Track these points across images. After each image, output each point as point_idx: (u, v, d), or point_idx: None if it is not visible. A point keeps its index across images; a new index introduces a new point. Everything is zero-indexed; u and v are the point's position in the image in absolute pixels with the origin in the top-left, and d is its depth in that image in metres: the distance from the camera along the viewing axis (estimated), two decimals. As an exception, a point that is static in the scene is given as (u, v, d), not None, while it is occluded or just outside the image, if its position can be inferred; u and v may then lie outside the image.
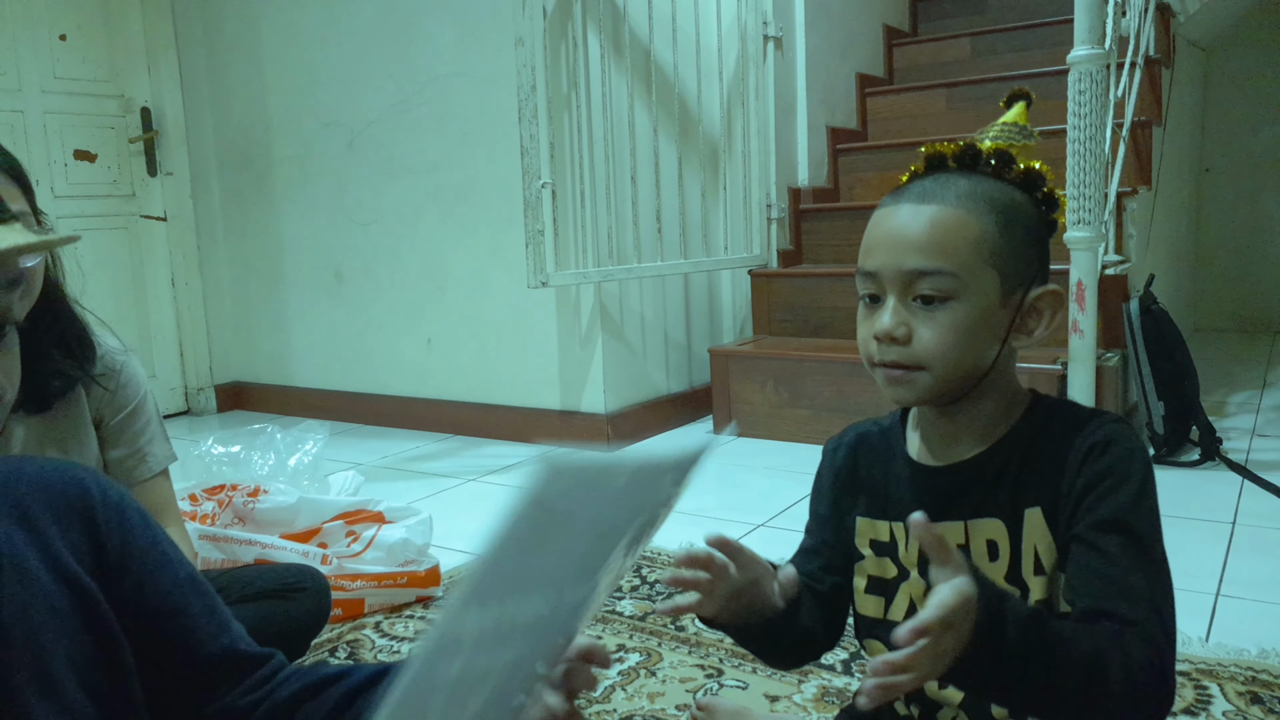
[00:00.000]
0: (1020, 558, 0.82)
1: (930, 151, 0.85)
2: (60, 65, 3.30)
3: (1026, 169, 0.83)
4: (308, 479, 1.87)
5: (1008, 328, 0.81)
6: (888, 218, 0.82)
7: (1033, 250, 0.82)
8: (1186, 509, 2.12)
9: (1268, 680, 1.36)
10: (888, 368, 0.81)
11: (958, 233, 0.78)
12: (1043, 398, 0.87)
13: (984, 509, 0.84)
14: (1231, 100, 4.66)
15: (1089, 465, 0.79)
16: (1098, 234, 2.42)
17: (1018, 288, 0.81)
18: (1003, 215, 0.80)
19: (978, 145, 0.84)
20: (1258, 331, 4.59)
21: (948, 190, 0.80)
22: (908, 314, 0.79)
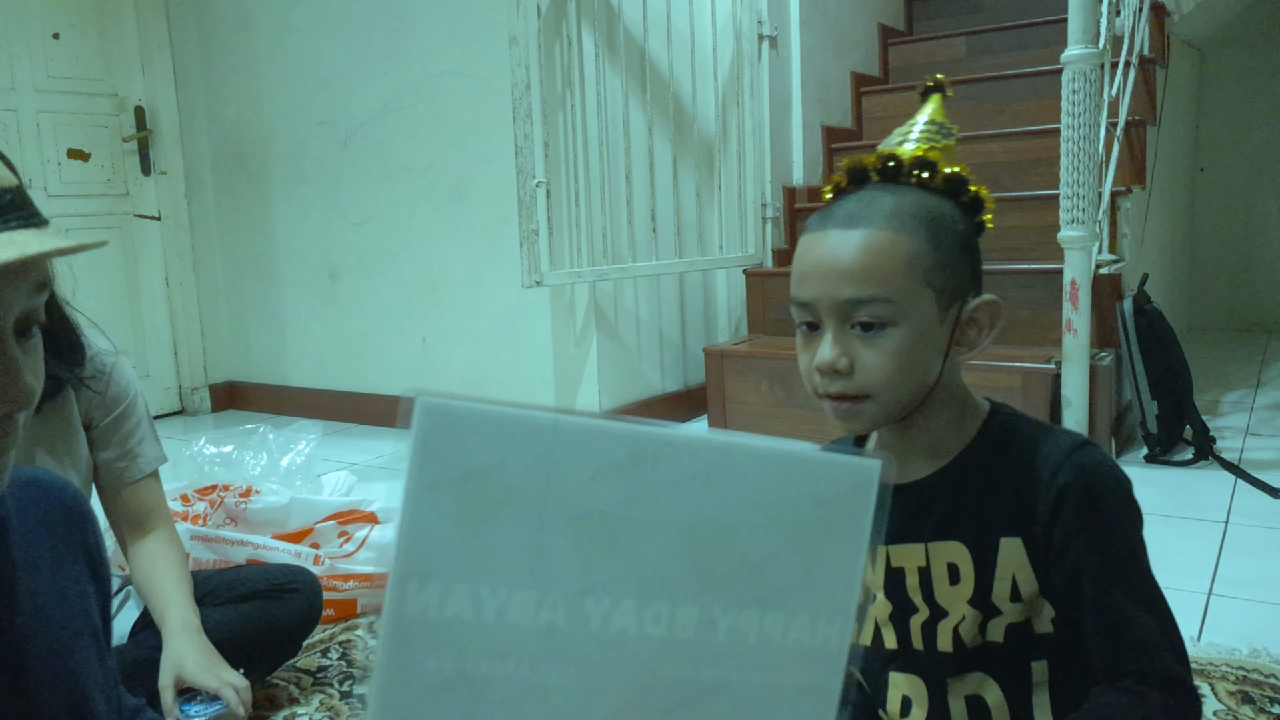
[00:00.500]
0: (991, 583, 0.81)
1: (850, 164, 0.83)
2: (54, 64, 3.29)
3: (949, 175, 0.81)
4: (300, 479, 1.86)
5: (948, 343, 0.80)
6: (817, 244, 0.79)
7: (965, 261, 0.80)
8: (1180, 508, 2.12)
9: (1258, 680, 1.36)
10: (834, 400, 0.79)
11: (889, 256, 0.76)
12: (999, 410, 0.85)
13: (946, 531, 0.82)
14: (1225, 100, 4.67)
15: (1068, 510, 0.77)
16: (1092, 233, 2.43)
17: (954, 302, 0.79)
18: (932, 230, 0.78)
19: (899, 154, 0.82)
20: (1251, 330, 4.60)
21: (874, 211, 0.78)
22: (848, 343, 0.77)
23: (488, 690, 0.43)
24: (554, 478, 0.42)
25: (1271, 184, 4.61)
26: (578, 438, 0.42)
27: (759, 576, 0.45)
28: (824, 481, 0.46)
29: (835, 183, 0.84)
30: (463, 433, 0.41)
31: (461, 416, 0.41)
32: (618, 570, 0.43)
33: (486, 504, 0.41)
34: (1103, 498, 0.78)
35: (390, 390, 3.30)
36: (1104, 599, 0.76)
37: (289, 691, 1.44)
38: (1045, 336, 2.66)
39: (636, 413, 2.99)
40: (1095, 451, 0.80)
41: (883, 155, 0.82)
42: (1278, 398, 3.21)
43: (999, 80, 3.56)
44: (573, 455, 0.42)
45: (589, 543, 0.43)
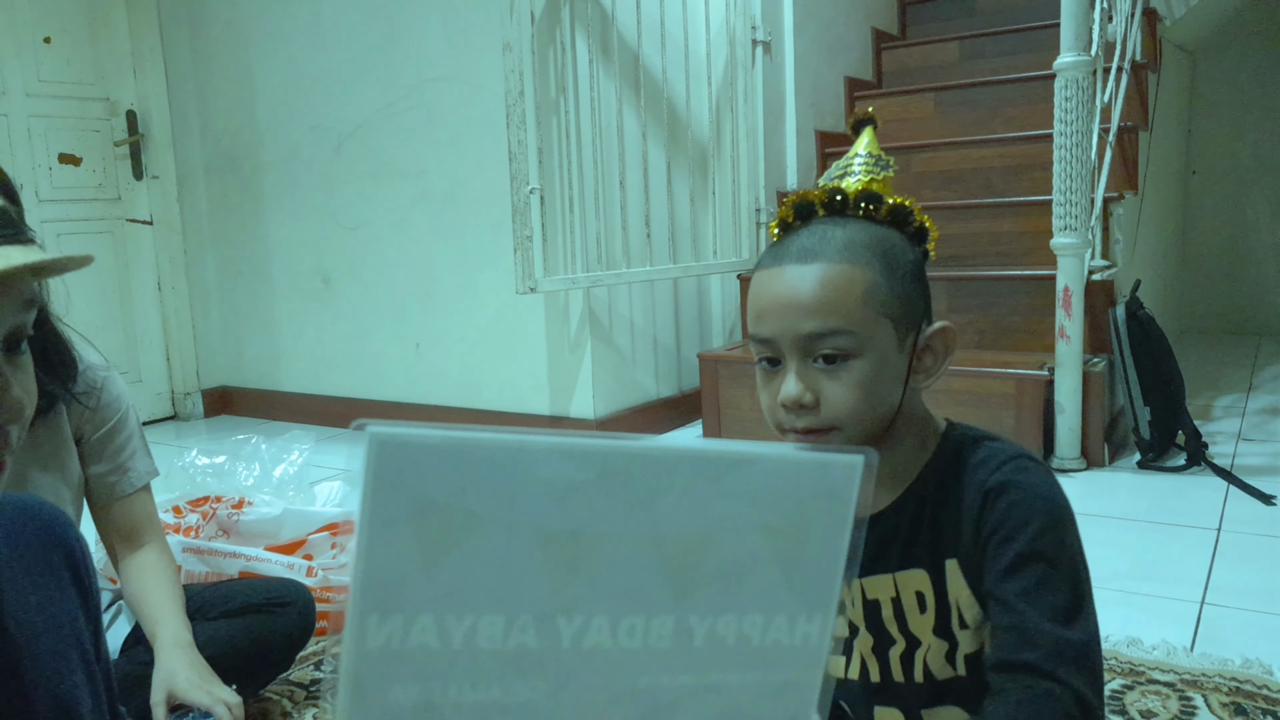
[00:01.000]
0: (948, 610, 0.80)
1: (797, 199, 0.83)
2: (44, 68, 3.28)
3: (893, 206, 0.82)
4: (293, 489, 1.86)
5: (907, 371, 0.81)
6: (773, 281, 0.79)
7: (917, 289, 0.81)
8: (1172, 515, 2.13)
9: (1251, 691, 1.37)
10: (800, 434, 0.79)
11: (847, 288, 0.77)
12: (951, 430, 0.86)
13: (908, 559, 0.82)
14: (1217, 104, 4.68)
15: (986, 513, 0.77)
16: (1084, 240, 2.43)
17: (910, 330, 0.80)
18: (885, 261, 0.78)
19: (844, 189, 0.83)
20: (1243, 334, 4.62)
21: (827, 245, 0.78)
22: (811, 377, 0.78)
23: (457, 715, 0.42)
24: (520, 501, 0.41)
25: (1263, 188, 4.62)
26: (545, 459, 0.41)
27: (737, 582, 0.44)
28: (805, 481, 0.45)
29: (782, 218, 0.85)
30: (418, 463, 0.39)
31: (416, 447, 0.39)
32: (590, 588, 0.42)
33: (449, 533, 0.40)
34: (1015, 486, 0.77)
35: (384, 396, 3.29)
36: (1003, 599, 0.74)
37: (282, 705, 1.44)
38: (1038, 342, 2.67)
39: (631, 418, 2.99)
40: (1025, 462, 0.79)
41: (828, 190, 0.83)
42: (1270, 402, 3.22)
43: (992, 85, 3.57)
44: (540, 477, 0.41)
45: (559, 563, 0.42)
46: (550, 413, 2.95)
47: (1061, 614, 0.73)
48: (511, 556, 0.41)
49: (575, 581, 0.42)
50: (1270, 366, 3.84)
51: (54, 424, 1.25)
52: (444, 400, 3.16)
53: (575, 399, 2.90)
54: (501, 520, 0.40)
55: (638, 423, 3.02)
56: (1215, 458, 2.48)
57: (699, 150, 3.18)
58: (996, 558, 0.76)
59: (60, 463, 1.26)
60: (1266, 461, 2.51)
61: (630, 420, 2.99)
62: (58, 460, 1.25)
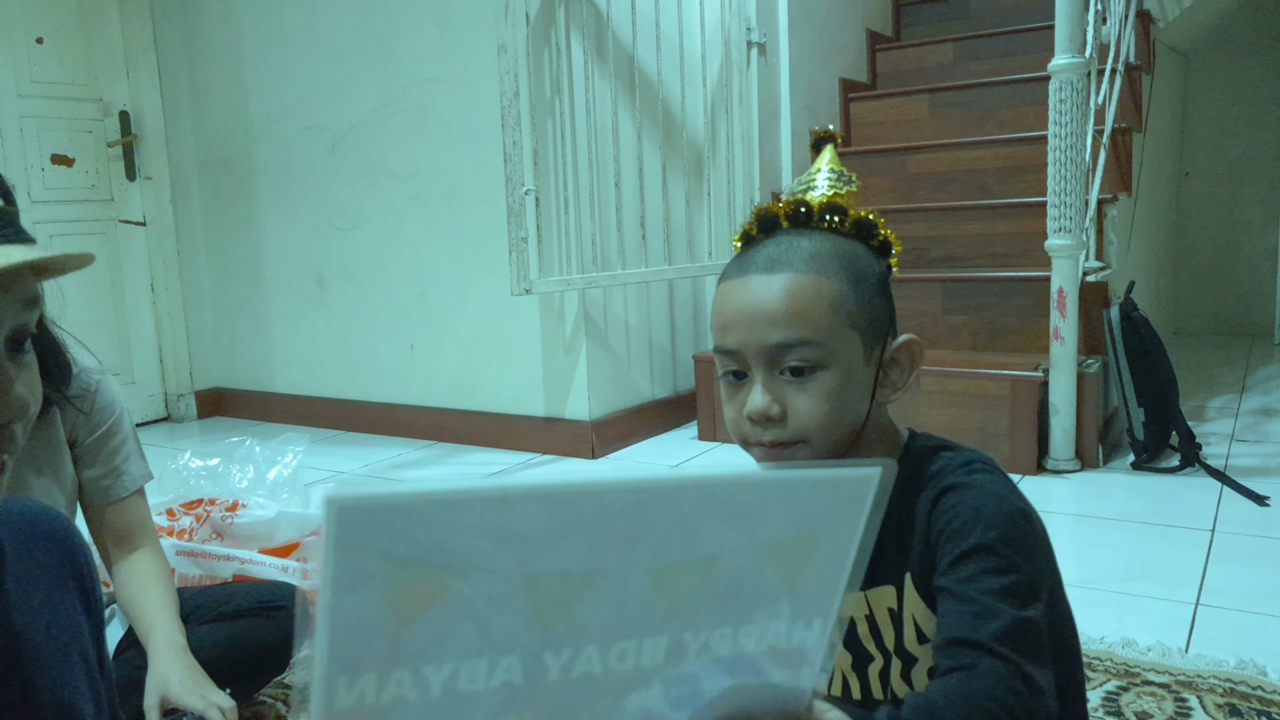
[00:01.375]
0: (903, 626, 0.79)
1: (760, 211, 0.83)
2: (37, 68, 3.27)
3: (858, 219, 0.82)
4: (288, 491, 1.85)
5: (874, 385, 0.80)
6: (738, 291, 0.78)
7: (883, 301, 0.80)
8: (1166, 516, 2.13)
9: (1245, 692, 1.37)
10: (767, 448, 0.78)
11: (814, 299, 0.76)
12: (913, 441, 0.84)
13: (876, 577, 0.80)
14: (1211, 105, 4.70)
15: (934, 519, 0.76)
16: (1078, 241, 2.44)
17: (876, 343, 0.79)
18: (851, 272, 0.78)
19: (808, 201, 0.82)
20: (1237, 336, 4.63)
21: (794, 254, 0.77)
22: (778, 389, 0.76)
23: None
24: (504, 549, 0.38)
25: (1256, 190, 4.64)
26: (528, 508, 0.38)
27: (735, 599, 0.43)
28: (817, 500, 0.43)
29: (745, 231, 0.84)
30: (385, 525, 0.36)
31: (381, 509, 0.36)
32: (579, 623, 0.40)
33: (423, 589, 0.38)
34: (961, 489, 0.75)
35: (379, 398, 3.29)
36: (947, 588, 0.72)
37: (276, 709, 1.43)
38: (1033, 344, 2.67)
39: (626, 420, 2.99)
40: (975, 466, 0.78)
41: (793, 201, 0.82)
42: (1263, 404, 3.23)
43: (986, 87, 3.57)
44: (526, 524, 0.38)
45: (546, 604, 0.40)
46: (545, 414, 2.94)
47: (1008, 596, 0.69)
48: (494, 604, 0.39)
49: (564, 620, 0.40)
50: (1263, 368, 3.85)
51: (48, 428, 1.24)
52: (439, 402, 3.15)
53: (570, 400, 2.90)
54: (483, 569, 0.38)
55: (632, 424, 3.02)
56: (1209, 459, 2.49)
57: (694, 151, 3.18)
58: (944, 556, 0.74)
59: (54, 467, 1.25)
60: (1260, 463, 2.52)
61: (625, 422, 2.99)
62: (52, 464, 1.25)
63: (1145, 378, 2.53)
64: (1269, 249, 4.51)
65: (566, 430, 2.90)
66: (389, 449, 3.07)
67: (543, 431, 2.93)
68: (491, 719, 0.41)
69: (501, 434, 3.00)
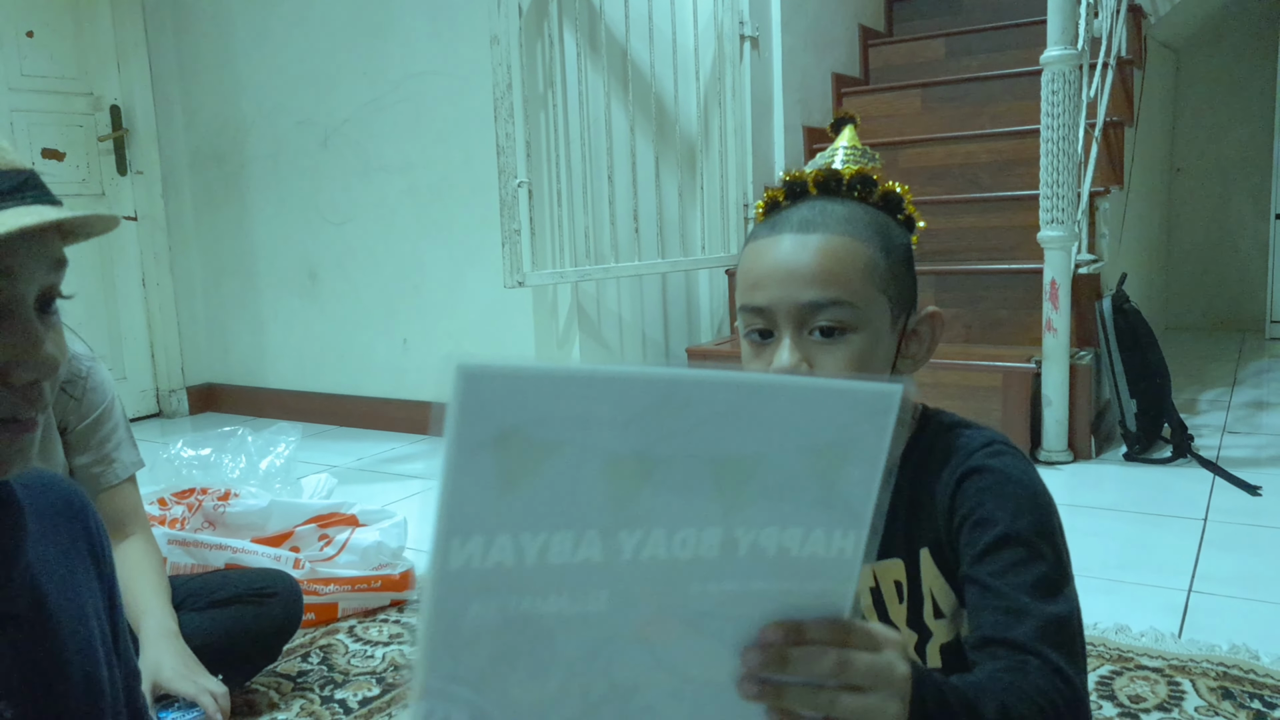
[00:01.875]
0: (920, 600, 0.79)
1: (790, 178, 0.82)
2: (28, 62, 3.25)
3: (886, 192, 0.82)
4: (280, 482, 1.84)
5: (895, 354, 0.80)
6: (770, 249, 0.77)
7: (909, 273, 0.81)
8: (1159, 506, 2.14)
9: (1238, 676, 1.37)
10: None
11: (849, 260, 0.75)
12: (929, 418, 0.84)
13: (886, 549, 0.81)
14: (1202, 101, 4.72)
15: (958, 499, 0.76)
16: (1071, 233, 2.44)
17: (902, 313, 0.79)
18: (883, 239, 0.78)
19: (838, 170, 0.82)
20: (1228, 330, 4.65)
21: (829, 217, 0.77)
22: (806, 348, 0.75)
23: (529, 625, 0.46)
24: (590, 426, 0.43)
25: (1246, 185, 4.66)
26: (613, 387, 0.43)
27: (780, 499, 0.48)
28: (847, 407, 0.48)
29: (770, 198, 0.83)
30: (501, 393, 0.41)
31: (499, 377, 0.41)
32: (650, 504, 0.45)
33: (526, 458, 0.42)
34: (989, 470, 0.76)
35: (371, 392, 3.28)
36: (980, 580, 0.72)
37: (269, 697, 1.43)
38: (1025, 336, 2.68)
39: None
40: (999, 448, 0.78)
41: (823, 170, 0.82)
42: (1254, 396, 3.24)
43: (979, 81, 3.58)
44: (608, 404, 0.43)
45: (623, 482, 0.44)
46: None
47: (1040, 590, 0.70)
48: (581, 478, 0.43)
49: (637, 499, 0.45)
50: (1254, 361, 3.87)
51: None
52: (432, 396, 3.14)
53: (564, 394, 2.89)
54: (573, 444, 0.43)
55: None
56: (1201, 450, 2.50)
57: (687, 145, 3.18)
58: (971, 543, 0.74)
59: (45, 453, 1.24)
60: (1251, 453, 2.53)
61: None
62: (43, 451, 1.24)
63: (1137, 369, 2.54)
64: (1259, 244, 4.53)
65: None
66: (382, 443, 3.06)
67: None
68: (573, 595, 0.46)
69: (495, 428, 3.00)
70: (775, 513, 0.47)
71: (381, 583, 1.70)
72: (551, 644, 0.46)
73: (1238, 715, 1.28)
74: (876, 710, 0.50)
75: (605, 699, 0.49)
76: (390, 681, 1.46)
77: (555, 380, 0.42)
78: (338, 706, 1.39)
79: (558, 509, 0.44)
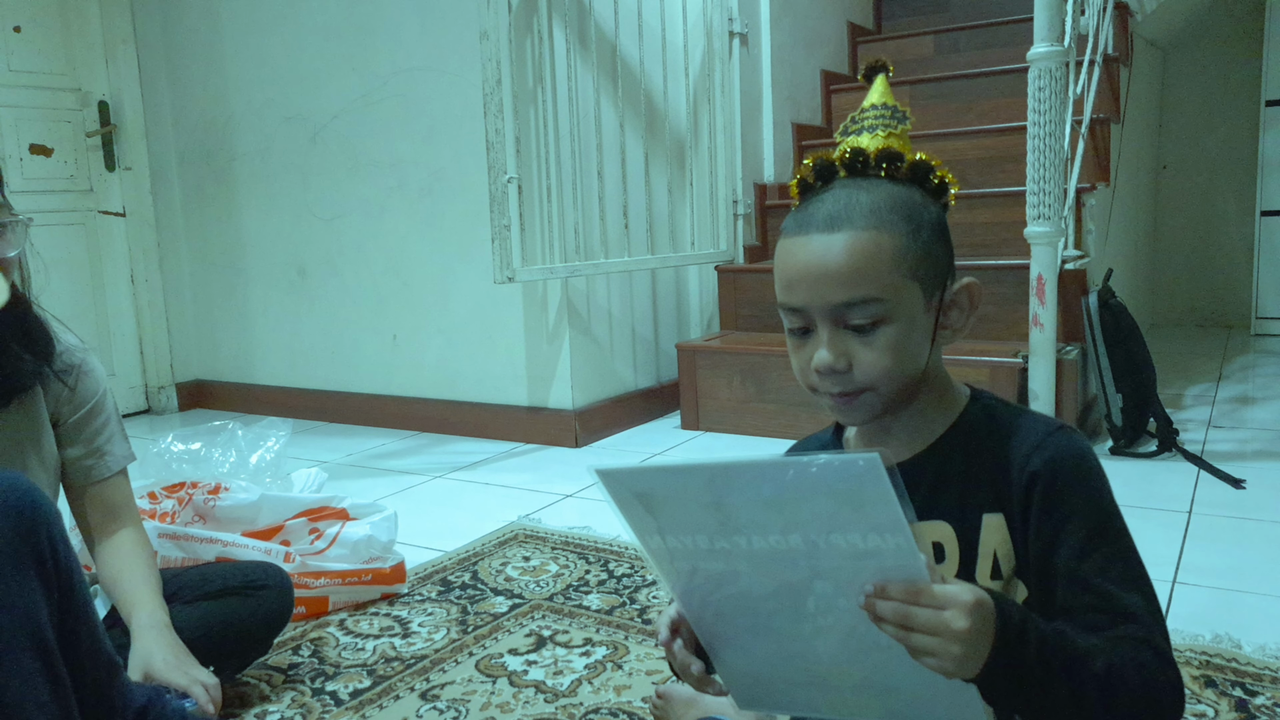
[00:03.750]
0: (975, 561, 0.82)
1: (817, 161, 0.84)
2: (15, 58, 3.24)
3: (914, 164, 0.83)
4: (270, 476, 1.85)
5: (934, 328, 0.82)
6: (800, 249, 0.80)
7: (942, 246, 0.82)
8: (1144, 499, 2.16)
9: (1220, 664, 1.39)
10: (835, 397, 0.81)
11: (876, 256, 0.78)
12: (980, 395, 0.88)
13: (931, 511, 0.84)
14: (1188, 99, 4.75)
15: (1038, 494, 0.79)
16: (1057, 229, 2.46)
17: (936, 289, 0.82)
18: (910, 222, 0.79)
19: (864, 148, 0.83)
20: (1213, 326, 4.69)
21: (854, 210, 0.79)
22: (843, 343, 0.79)
23: (710, 573, 0.73)
24: (681, 490, 0.69)
25: (1232, 182, 4.69)
26: (678, 474, 0.69)
27: (825, 518, 0.64)
28: (831, 480, 0.62)
29: (802, 179, 0.85)
30: (622, 478, 0.70)
31: (616, 472, 0.70)
32: (741, 524, 0.67)
33: (655, 503, 0.70)
34: (1071, 483, 0.79)
35: (361, 388, 3.28)
36: (1082, 579, 0.77)
37: (260, 689, 1.43)
38: (1012, 331, 2.70)
39: (609, 409, 3.00)
40: (1069, 436, 0.82)
41: (849, 150, 0.83)
42: (1239, 391, 3.27)
43: (966, 79, 3.60)
44: (680, 479, 0.69)
45: (714, 514, 0.68)
46: (528, 404, 2.94)
47: (1135, 583, 0.77)
48: (690, 512, 0.69)
49: (729, 521, 0.68)
50: (1240, 357, 3.90)
51: (31, 406, 1.24)
52: (421, 392, 3.15)
53: (554, 389, 2.90)
54: (676, 497, 0.69)
55: (616, 414, 3.02)
56: (1186, 444, 2.52)
57: (676, 142, 3.19)
58: (1066, 532, 0.78)
59: (37, 445, 1.24)
60: (1236, 447, 2.55)
61: (609, 411, 2.99)
62: (35, 443, 1.24)
63: (1123, 364, 2.56)
64: (1245, 241, 4.57)
65: (549, 419, 2.90)
66: (372, 439, 3.06)
67: (526, 421, 2.94)
68: (723, 561, 0.70)
69: (484, 423, 3.00)
70: (828, 524, 0.64)
71: (372, 576, 1.71)
72: (726, 586, 0.72)
73: (1220, 703, 1.29)
74: (941, 650, 0.65)
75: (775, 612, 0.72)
76: (381, 674, 1.47)
77: (647, 470, 0.70)
78: (328, 698, 1.40)
79: (686, 526, 0.70)
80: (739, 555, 0.69)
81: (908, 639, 0.66)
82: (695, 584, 0.74)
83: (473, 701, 1.38)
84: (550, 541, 2.02)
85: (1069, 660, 0.70)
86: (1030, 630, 0.69)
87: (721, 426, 2.95)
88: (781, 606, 0.71)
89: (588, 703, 1.36)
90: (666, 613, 0.84)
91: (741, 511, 0.66)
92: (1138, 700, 0.72)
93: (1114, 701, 0.71)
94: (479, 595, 1.76)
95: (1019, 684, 0.69)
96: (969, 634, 0.65)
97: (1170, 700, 0.74)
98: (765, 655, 0.75)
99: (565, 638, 1.57)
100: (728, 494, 0.66)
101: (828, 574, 0.67)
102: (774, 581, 0.69)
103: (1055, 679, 0.69)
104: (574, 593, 1.75)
